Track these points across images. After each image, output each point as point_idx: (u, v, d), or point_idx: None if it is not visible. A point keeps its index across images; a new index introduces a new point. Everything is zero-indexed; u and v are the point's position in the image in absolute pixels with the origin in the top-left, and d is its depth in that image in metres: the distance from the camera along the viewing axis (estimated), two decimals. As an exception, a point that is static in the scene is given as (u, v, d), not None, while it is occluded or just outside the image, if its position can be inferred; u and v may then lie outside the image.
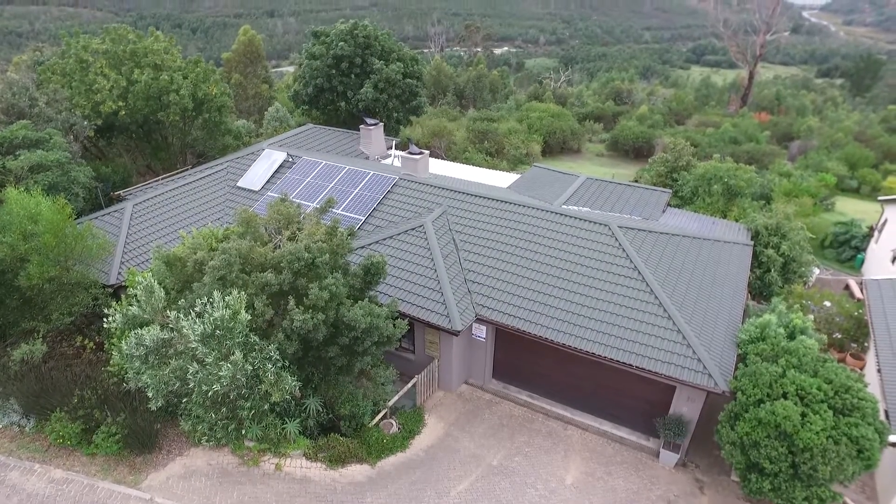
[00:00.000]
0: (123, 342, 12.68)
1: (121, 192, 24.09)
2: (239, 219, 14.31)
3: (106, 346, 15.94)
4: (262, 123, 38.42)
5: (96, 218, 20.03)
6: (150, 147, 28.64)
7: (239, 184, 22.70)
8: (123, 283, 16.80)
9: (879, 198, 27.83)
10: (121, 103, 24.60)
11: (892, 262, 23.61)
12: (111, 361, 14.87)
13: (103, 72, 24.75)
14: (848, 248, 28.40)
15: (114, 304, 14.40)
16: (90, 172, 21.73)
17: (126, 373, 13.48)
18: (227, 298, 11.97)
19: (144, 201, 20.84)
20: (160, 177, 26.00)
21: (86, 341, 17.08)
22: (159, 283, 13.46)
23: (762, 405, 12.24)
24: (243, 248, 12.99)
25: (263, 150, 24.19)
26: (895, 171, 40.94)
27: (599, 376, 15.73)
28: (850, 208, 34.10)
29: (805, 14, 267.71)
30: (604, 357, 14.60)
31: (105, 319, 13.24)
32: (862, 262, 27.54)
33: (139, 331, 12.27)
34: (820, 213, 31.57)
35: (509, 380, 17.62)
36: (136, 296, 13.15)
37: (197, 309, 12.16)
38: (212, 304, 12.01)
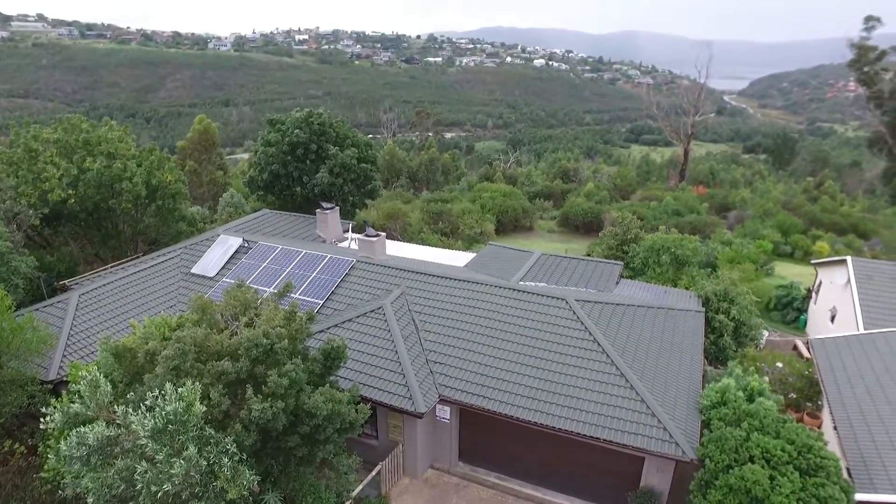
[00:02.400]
0: (62, 443, 11.73)
1: (66, 281, 23.12)
2: (194, 306, 13.91)
3: (40, 448, 14.67)
4: (216, 210, 38.21)
5: (38, 309, 19.04)
6: (99, 235, 27.89)
7: (193, 270, 22.21)
8: (65, 379, 15.78)
9: (812, 261, 29.58)
10: (70, 191, 24.14)
11: (832, 320, 24.78)
12: (45, 466, 13.65)
13: (53, 160, 24.43)
14: (791, 309, 29.72)
15: (53, 401, 13.44)
16: (33, 262, 20.87)
17: (63, 478, 12.37)
18: (180, 390, 11.40)
19: (91, 291, 20.04)
20: (109, 265, 25.19)
21: (16, 445, 15.68)
22: (106, 377, 12.70)
23: (731, 471, 12.24)
24: (198, 335, 12.54)
25: (219, 235, 23.95)
26: (821, 236, 43.79)
27: (568, 452, 15.47)
28: (788, 272, 35.98)
29: (726, 98, 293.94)
30: (570, 432, 14.43)
31: (42, 419, 12.28)
32: (805, 322, 28.79)
33: (81, 429, 11.42)
34: (762, 278, 33.15)
35: (477, 461, 17.07)
36: (78, 391, 12.33)
37: (147, 402, 11.49)
38: (164, 396, 11.39)
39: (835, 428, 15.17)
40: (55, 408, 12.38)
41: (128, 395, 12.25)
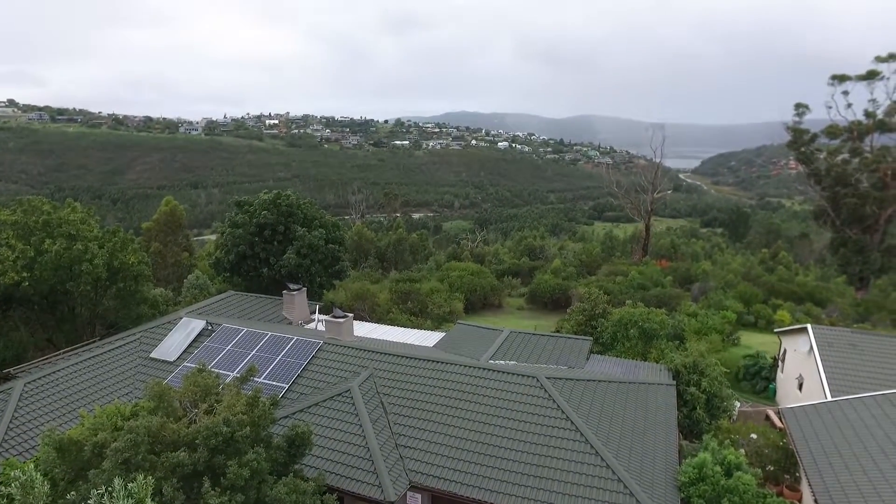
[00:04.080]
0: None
1: (11, 369, 21.80)
2: (150, 392, 13.22)
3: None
4: (181, 292, 37.30)
5: (-24, 403, 17.78)
6: (53, 319, 26.72)
7: (153, 355, 21.33)
8: (-1, 480, 14.47)
9: (776, 330, 30.16)
10: (25, 274, 23.32)
11: (800, 388, 25.00)
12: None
13: (9, 242, 23.75)
14: (759, 378, 29.94)
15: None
16: (-25, 351, 19.71)
17: None
18: (130, 485, 10.56)
19: (39, 379, 18.90)
20: (61, 351, 23.97)
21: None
22: (46, 475, 11.72)
23: (714, 553, 11.79)
24: (153, 425, 11.84)
25: (181, 318, 23.26)
26: (781, 305, 44.98)
27: (547, 539, 14.70)
28: (753, 341, 36.51)
29: (681, 176, 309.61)
30: (549, 516, 13.81)
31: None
32: (774, 391, 28.95)
33: (11, 538, 10.35)
34: (729, 349, 33.52)
35: (452, 554, 16.05)
36: (9, 494, 11.28)
37: (91, 502, 10.57)
38: (110, 493, 10.51)
39: (815, 501, 14.91)
40: (-23, 516, 11.24)
41: (69, 495, 11.31)
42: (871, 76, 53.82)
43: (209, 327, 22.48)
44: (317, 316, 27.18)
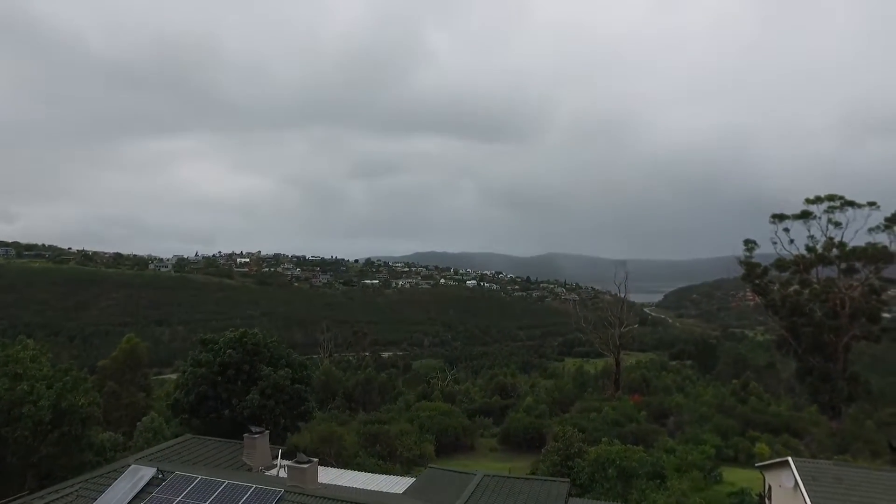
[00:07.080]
0: None
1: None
2: (84, 553, 11.82)
3: None
4: (132, 435, 34.83)
5: None
6: (-21, 471, 24.29)
7: (90, 510, 19.30)
8: None
9: (756, 465, 29.32)
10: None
11: (792, 531, 23.79)
12: None
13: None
14: (748, 520, 28.47)
15: None
16: None
17: None
18: None
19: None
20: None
21: None
22: None
23: None
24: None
25: (129, 465, 21.45)
26: (759, 437, 44.27)
27: None
28: (735, 477, 35.23)
29: (646, 310, 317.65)
30: None
31: None
32: (766, 534, 27.43)
33: None
34: (712, 486, 32.20)
35: None
36: None
37: None
38: None
39: None
40: None
41: None
42: (805, 216, 59.02)
43: (160, 475, 20.70)
44: (279, 461, 25.52)
